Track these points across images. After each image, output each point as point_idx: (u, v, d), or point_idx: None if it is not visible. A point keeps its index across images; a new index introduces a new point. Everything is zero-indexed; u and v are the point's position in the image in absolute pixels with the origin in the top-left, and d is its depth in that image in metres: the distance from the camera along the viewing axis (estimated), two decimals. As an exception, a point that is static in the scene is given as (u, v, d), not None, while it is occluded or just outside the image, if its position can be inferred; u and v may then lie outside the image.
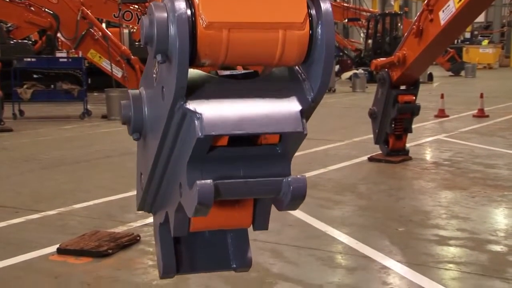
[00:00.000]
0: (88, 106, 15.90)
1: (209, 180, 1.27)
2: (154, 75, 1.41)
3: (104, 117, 15.26)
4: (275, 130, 1.30)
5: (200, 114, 1.26)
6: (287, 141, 1.36)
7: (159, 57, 1.26)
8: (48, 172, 8.76)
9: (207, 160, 1.32)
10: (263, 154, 1.37)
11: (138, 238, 5.44)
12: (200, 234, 1.66)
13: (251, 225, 1.53)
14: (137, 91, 1.52)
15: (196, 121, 1.26)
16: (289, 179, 1.34)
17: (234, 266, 1.65)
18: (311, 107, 1.34)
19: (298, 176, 1.36)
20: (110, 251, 5.12)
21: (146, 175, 1.52)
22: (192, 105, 1.27)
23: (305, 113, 1.33)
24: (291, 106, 1.32)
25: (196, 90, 1.30)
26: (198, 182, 1.27)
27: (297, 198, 1.34)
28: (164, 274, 1.64)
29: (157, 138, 1.40)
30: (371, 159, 9.34)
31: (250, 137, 1.37)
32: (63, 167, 9.11)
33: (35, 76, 16.30)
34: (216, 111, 1.28)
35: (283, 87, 1.36)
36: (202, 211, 1.29)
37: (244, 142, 1.37)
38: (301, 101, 1.33)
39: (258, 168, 1.36)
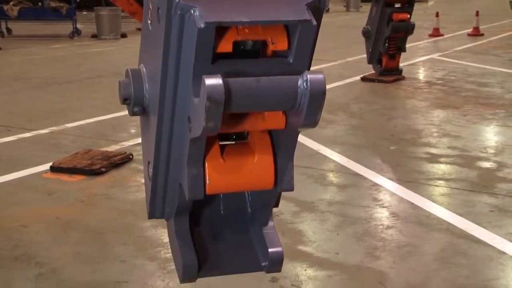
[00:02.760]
0: (78, 25, 15.62)
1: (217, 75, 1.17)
2: (149, 11, 1.34)
3: (94, 36, 15.02)
4: (279, 18, 1.21)
5: (197, 5, 1.17)
6: (296, 40, 1.24)
7: None
8: (39, 91, 8.69)
9: (212, 72, 1.20)
10: (273, 65, 1.27)
11: (131, 156, 5.46)
12: (223, 236, 1.51)
13: (274, 186, 1.39)
14: (136, 68, 1.43)
15: (195, 14, 1.17)
16: (305, 76, 1.22)
17: (264, 264, 1.47)
18: (317, 6, 1.25)
19: (314, 71, 1.23)
20: (103, 169, 5.15)
21: (153, 159, 1.39)
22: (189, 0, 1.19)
23: (312, 10, 1.23)
24: None
25: None
26: (204, 76, 1.15)
27: (316, 96, 1.21)
28: (185, 276, 1.43)
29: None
30: (364, 79, 9.30)
31: (256, 49, 1.28)
32: (54, 86, 9.03)
33: (21, -7, 15.93)
34: (216, 1, 1.19)
35: None
36: (212, 114, 1.16)
37: (249, 55, 1.27)
38: None
39: (270, 70, 1.24)
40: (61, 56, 12.14)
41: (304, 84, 1.21)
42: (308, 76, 1.21)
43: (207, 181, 1.33)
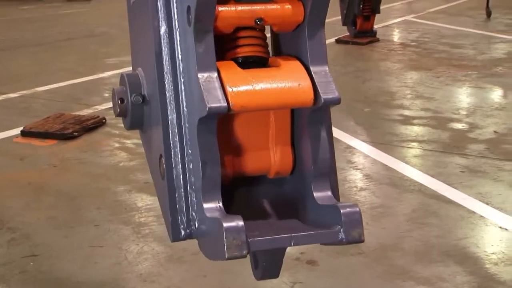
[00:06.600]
0: (47, -14, 15.26)
1: None
2: None
3: (65, -3, 14.70)
4: None
5: None
6: None
7: None
8: (8, 54, 8.51)
9: None
10: None
11: (104, 120, 5.40)
12: (268, 216, 1.24)
13: (314, 102, 1.12)
14: (133, 73, 1.27)
15: None
16: None
17: (338, 228, 1.13)
18: None
19: None
20: (76, 133, 5.09)
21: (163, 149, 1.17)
22: None
23: None
24: None
25: None
26: None
27: None
28: (231, 246, 1.04)
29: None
30: (338, 41, 9.27)
31: None
32: (24, 49, 8.85)
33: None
34: None
35: None
36: None
37: None
38: None
39: None
40: (31, 18, 11.88)
41: None
42: None
43: (228, 89, 1.06)
